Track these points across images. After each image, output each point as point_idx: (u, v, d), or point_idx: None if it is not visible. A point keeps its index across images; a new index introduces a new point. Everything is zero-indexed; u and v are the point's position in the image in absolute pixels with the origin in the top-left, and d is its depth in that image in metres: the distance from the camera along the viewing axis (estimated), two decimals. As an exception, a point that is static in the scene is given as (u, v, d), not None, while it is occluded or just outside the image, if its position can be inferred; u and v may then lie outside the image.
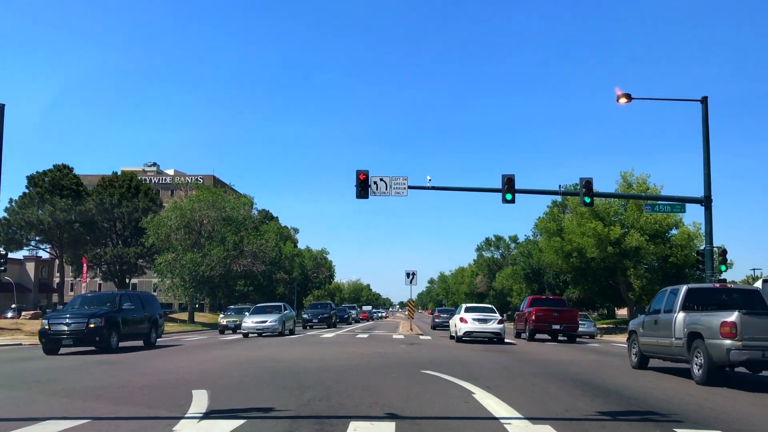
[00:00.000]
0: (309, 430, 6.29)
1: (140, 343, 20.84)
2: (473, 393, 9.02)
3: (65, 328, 17.93)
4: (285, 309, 32.18)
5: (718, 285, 14.58)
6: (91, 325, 17.82)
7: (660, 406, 8.23)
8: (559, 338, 28.32)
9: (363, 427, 6.42)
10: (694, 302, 12.52)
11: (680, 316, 12.14)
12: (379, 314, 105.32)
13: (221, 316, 39.28)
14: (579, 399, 8.78)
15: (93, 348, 18.46)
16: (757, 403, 8.91)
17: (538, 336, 28.23)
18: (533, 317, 26.97)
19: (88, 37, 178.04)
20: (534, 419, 6.96)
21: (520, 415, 7.17)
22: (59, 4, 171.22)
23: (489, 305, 29.33)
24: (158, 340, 22.24)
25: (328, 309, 43.89)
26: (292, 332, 31.56)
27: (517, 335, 29.65)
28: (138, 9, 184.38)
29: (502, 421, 6.83)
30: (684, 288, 12.74)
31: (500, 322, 24.78)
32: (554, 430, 6.36)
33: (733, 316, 10.58)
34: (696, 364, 11.31)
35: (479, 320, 24.46)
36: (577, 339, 28.95)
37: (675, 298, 12.66)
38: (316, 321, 41.40)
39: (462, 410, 7.64)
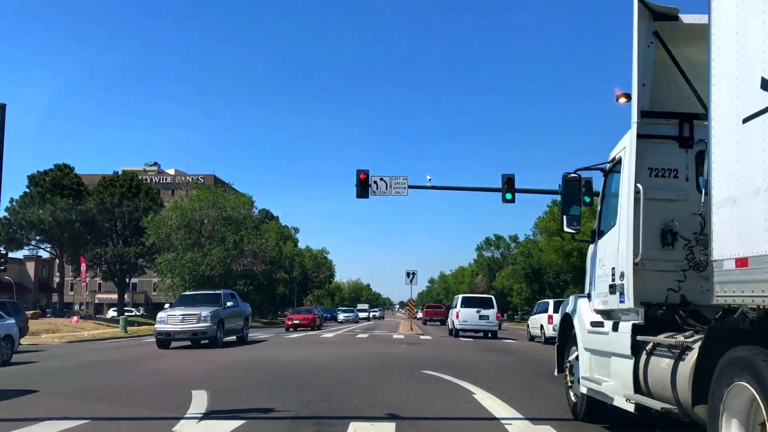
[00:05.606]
0: (309, 431, 6.29)
1: None
2: (473, 393, 9.01)
3: None
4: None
5: None
6: None
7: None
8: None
9: (363, 427, 6.41)
10: None
11: None
12: (354, 316, 67.40)
13: None
14: (579, 399, 8.76)
15: None
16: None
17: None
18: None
19: (89, 36, 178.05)
20: (534, 419, 6.94)
21: (520, 416, 7.15)
22: (59, 3, 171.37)
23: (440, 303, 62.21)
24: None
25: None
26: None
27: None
28: (138, 8, 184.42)
29: (503, 421, 6.82)
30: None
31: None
32: (555, 431, 6.35)
33: None
34: None
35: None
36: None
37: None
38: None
39: (462, 411, 7.63)
